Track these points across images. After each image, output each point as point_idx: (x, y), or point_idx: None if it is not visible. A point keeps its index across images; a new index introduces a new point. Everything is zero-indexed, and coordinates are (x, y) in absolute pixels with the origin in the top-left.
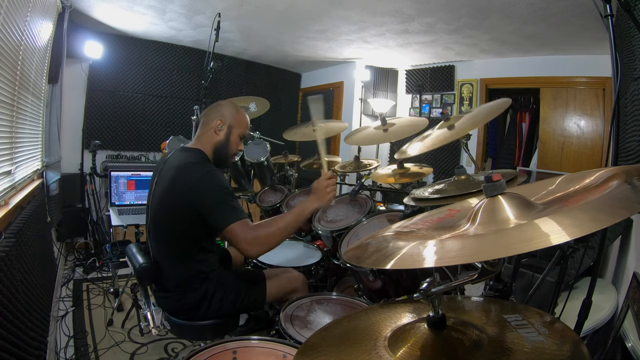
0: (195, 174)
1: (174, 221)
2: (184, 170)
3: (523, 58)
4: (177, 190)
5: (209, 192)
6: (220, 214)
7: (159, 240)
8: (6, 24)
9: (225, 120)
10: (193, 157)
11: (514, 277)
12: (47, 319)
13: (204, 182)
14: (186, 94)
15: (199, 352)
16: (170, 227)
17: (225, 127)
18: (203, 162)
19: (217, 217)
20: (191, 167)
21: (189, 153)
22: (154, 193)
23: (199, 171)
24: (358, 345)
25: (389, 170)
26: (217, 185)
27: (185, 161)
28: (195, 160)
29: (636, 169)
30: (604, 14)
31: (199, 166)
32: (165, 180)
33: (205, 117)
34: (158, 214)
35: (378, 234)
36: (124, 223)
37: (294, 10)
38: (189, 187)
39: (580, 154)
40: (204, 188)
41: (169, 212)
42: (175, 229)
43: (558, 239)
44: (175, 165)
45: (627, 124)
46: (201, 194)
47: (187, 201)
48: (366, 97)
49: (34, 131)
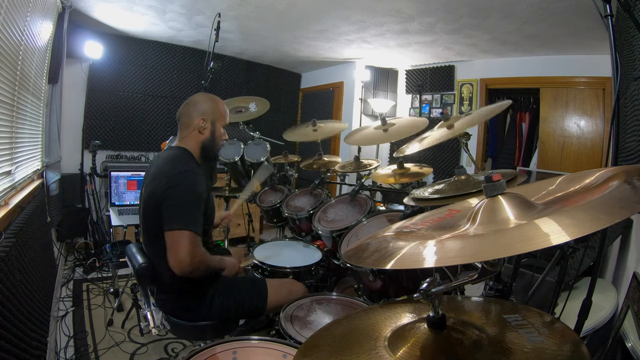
0: (172, 170)
1: (160, 221)
2: (164, 167)
3: (523, 58)
4: (157, 186)
5: (177, 191)
6: (177, 214)
7: (152, 242)
8: (6, 24)
9: (207, 117)
10: (176, 154)
11: (514, 277)
12: (47, 319)
13: (177, 179)
14: (186, 94)
15: (199, 352)
16: (159, 227)
17: (208, 124)
18: (185, 160)
19: (172, 216)
20: (171, 163)
21: (173, 151)
22: (142, 194)
23: (176, 168)
24: (358, 345)
25: (389, 170)
26: (188, 187)
27: (169, 158)
28: (177, 157)
29: (636, 169)
30: (604, 14)
31: (179, 163)
32: (151, 179)
33: (185, 118)
34: (147, 215)
35: (378, 234)
36: (124, 223)
37: (294, 10)
38: (163, 181)
39: (580, 154)
40: (174, 185)
41: (155, 212)
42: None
43: (558, 239)
44: (159, 164)
45: (627, 124)
46: (169, 190)
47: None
48: (366, 97)
49: (34, 131)
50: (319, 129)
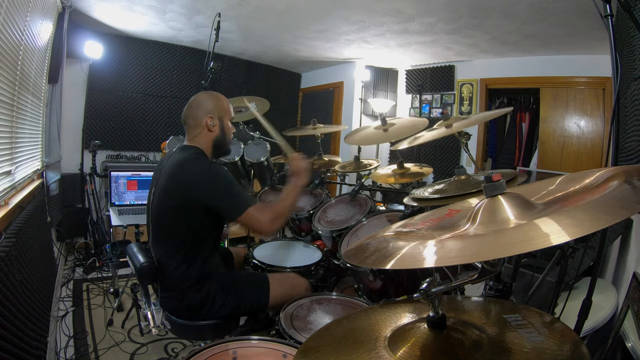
0: (195, 169)
1: (175, 221)
2: (182, 168)
3: (523, 58)
4: (176, 189)
5: (215, 184)
6: (234, 202)
7: (161, 241)
8: (6, 24)
9: (214, 115)
10: (190, 154)
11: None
12: (47, 319)
13: (207, 175)
14: (186, 94)
15: (199, 352)
16: (171, 227)
17: (217, 121)
18: (200, 158)
19: (231, 206)
20: (190, 163)
21: (187, 152)
22: (154, 194)
23: (199, 166)
24: (358, 345)
25: (389, 170)
26: (221, 176)
27: (184, 159)
28: (192, 157)
29: (636, 169)
30: (604, 14)
31: (197, 162)
32: (164, 180)
33: (191, 120)
34: (159, 215)
35: (378, 234)
36: (124, 223)
37: (294, 10)
38: (189, 184)
39: (580, 154)
40: (209, 181)
41: (170, 212)
42: (176, 228)
43: (558, 239)
44: (174, 164)
45: (627, 124)
46: (207, 188)
47: (189, 198)
48: (366, 97)
49: (34, 131)
50: (318, 128)
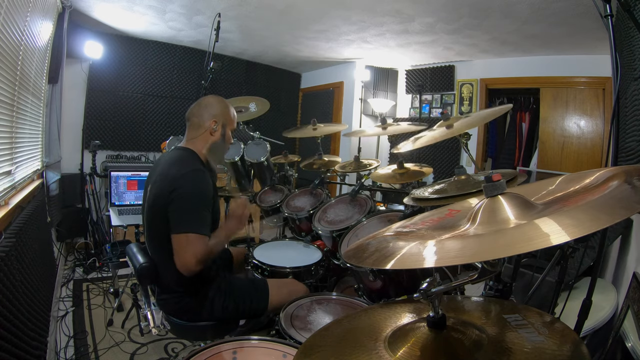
0: (179, 170)
1: (166, 220)
2: (170, 168)
3: (523, 58)
4: (163, 188)
5: (182, 193)
6: (183, 217)
7: (154, 241)
8: (6, 24)
9: (219, 120)
10: (183, 155)
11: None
12: (47, 319)
13: (183, 181)
14: (186, 94)
15: (199, 352)
16: (163, 227)
17: (219, 127)
18: (192, 160)
19: (179, 219)
20: (176, 165)
21: (180, 152)
22: (147, 194)
23: (183, 168)
24: (358, 345)
25: (389, 170)
26: (195, 188)
27: (175, 159)
28: (184, 158)
29: (636, 169)
30: (604, 14)
31: (185, 164)
32: (156, 180)
33: (195, 118)
34: (151, 214)
35: (378, 234)
36: (124, 223)
37: (294, 10)
38: (169, 183)
39: (580, 154)
40: (180, 185)
41: (161, 211)
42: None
43: (558, 239)
44: (165, 164)
45: (627, 124)
46: (173, 193)
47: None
48: (366, 97)
49: (34, 131)
50: (318, 128)
